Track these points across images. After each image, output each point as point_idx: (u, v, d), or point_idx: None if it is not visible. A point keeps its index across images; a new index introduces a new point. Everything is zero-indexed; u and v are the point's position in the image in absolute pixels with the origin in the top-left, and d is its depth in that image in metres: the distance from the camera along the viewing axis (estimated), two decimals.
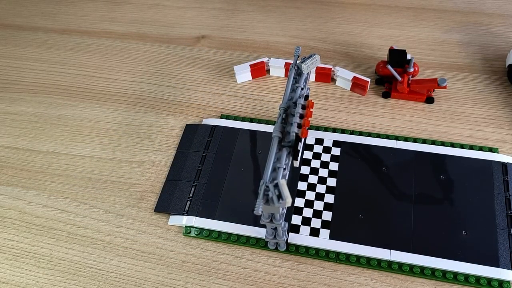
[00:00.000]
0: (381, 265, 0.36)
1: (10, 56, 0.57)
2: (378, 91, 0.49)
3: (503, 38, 0.54)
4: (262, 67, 0.51)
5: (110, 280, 0.37)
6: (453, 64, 0.52)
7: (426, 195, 0.40)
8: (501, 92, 0.48)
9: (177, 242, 0.39)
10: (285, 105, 0.34)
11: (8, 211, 0.42)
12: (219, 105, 0.49)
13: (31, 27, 0.61)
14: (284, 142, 0.33)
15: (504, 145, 0.44)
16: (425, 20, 0.57)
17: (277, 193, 0.29)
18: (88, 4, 0.64)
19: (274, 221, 0.34)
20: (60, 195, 0.43)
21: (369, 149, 0.43)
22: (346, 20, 0.58)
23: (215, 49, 0.56)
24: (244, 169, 0.43)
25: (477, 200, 0.39)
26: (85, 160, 0.45)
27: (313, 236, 0.38)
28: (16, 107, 0.51)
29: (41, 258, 0.39)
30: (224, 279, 0.37)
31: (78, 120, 0.49)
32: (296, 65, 0.37)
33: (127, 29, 0.59)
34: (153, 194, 0.42)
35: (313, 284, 0.36)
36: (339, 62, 0.53)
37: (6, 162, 0.46)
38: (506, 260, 0.36)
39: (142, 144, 0.46)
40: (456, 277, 0.36)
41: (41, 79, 0.54)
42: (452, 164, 0.42)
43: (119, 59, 0.56)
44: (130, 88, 0.52)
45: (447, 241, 0.37)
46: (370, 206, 0.39)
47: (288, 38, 0.56)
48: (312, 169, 0.42)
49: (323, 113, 0.47)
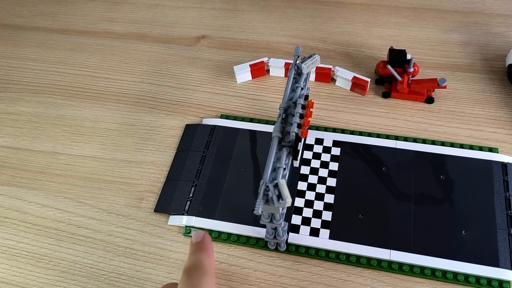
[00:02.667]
0: (381, 265, 0.36)
1: (10, 56, 0.57)
2: (378, 91, 0.49)
3: (503, 38, 0.54)
4: (262, 67, 0.51)
5: (110, 280, 0.37)
6: (453, 64, 0.52)
7: (426, 195, 0.40)
8: (501, 92, 0.48)
9: (177, 242, 0.39)
10: (285, 105, 0.34)
11: (8, 211, 0.42)
12: (219, 105, 0.49)
13: (31, 27, 0.61)
14: (284, 142, 0.33)
15: (504, 145, 0.44)
16: (425, 20, 0.57)
17: (277, 193, 0.29)
18: (88, 4, 0.64)
19: (274, 221, 0.34)
20: (60, 195, 0.43)
21: (369, 149, 0.43)
22: (346, 20, 0.58)
23: (215, 49, 0.56)
24: (244, 169, 0.43)
25: (477, 200, 0.39)
26: (85, 160, 0.45)
27: (313, 236, 0.38)
28: (16, 107, 0.51)
29: (41, 258, 0.39)
30: (224, 279, 0.37)
31: (78, 120, 0.49)
32: (296, 65, 0.37)
33: (127, 29, 0.59)
34: (153, 194, 0.42)
35: (313, 284, 0.36)
36: (339, 62, 0.53)
37: (6, 162, 0.46)
38: (506, 260, 0.36)
39: (142, 144, 0.46)
40: (456, 277, 0.36)
41: (41, 79, 0.54)
42: (452, 164, 0.42)
43: (119, 59, 0.56)
44: (130, 88, 0.52)
45: (447, 241, 0.37)
46: (370, 206, 0.39)
47: (288, 38, 0.56)
48: (312, 169, 0.42)
49: (323, 113, 0.47)
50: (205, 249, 0.33)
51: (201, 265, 0.31)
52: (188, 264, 0.32)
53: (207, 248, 0.33)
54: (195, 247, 0.34)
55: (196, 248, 0.33)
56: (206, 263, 0.32)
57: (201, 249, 0.33)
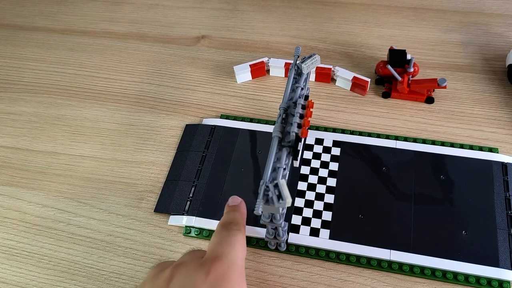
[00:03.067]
0: (381, 265, 0.36)
1: (10, 56, 0.57)
2: (378, 91, 0.49)
3: (503, 38, 0.54)
4: (262, 67, 0.51)
5: (110, 280, 0.37)
6: (453, 64, 0.52)
7: (426, 195, 0.40)
8: (501, 92, 0.48)
9: (177, 242, 0.39)
10: (285, 105, 0.34)
11: (8, 211, 0.42)
12: (219, 105, 0.49)
13: (31, 27, 0.61)
14: (284, 142, 0.33)
15: (504, 145, 0.44)
16: (425, 20, 0.57)
17: (277, 193, 0.29)
18: (88, 4, 0.64)
19: (274, 221, 0.34)
20: (60, 195, 0.43)
21: (369, 149, 0.43)
22: (346, 20, 0.58)
23: (215, 49, 0.56)
24: (244, 169, 0.43)
25: (477, 200, 0.39)
26: (85, 160, 0.45)
27: (313, 236, 0.38)
28: (16, 107, 0.51)
29: (41, 258, 0.39)
30: None
31: (78, 120, 0.49)
32: (296, 65, 0.37)
33: (127, 29, 0.59)
34: (153, 194, 0.42)
35: (313, 284, 0.36)
36: (339, 62, 0.53)
37: (6, 162, 0.46)
38: (506, 260, 0.36)
39: (142, 144, 0.46)
40: (456, 277, 0.36)
41: (41, 79, 0.54)
42: (452, 164, 0.42)
43: (119, 59, 0.56)
44: (130, 88, 0.52)
45: (447, 241, 0.37)
46: (370, 206, 0.39)
47: (288, 38, 0.56)
48: (312, 169, 0.42)
49: (323, 113, 0.47)
50: (240, 211, 0.35)
51: (238, 222, 0.34)
52: (225, 219, 0.34)
53: (242, 211, 0.36)
54: (231, 208, 0.36)
55: (232, 209, 0.36)
56: (241, 222, 0.34)
57: (236, 210, 0.35)
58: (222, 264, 0.29)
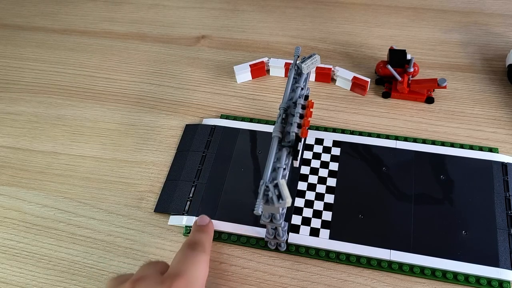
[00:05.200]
0: (381, 265, 0.36)
1: (10, 56, 0.57)
2: (378, 91, 0.49)
3: (503, 38, 0.54)
4: (262, 67, 0.51)
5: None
6: (453, 64, 0.52)
7: (426, 195, 0.40)
8: (501, 92, 0.48)
9: (177, 242, 0.39)
10: (285, 105, 0.34)
11: (8, 211, 0.42)
12: (219, 105, 0.49)
13: (31, 27, 0.61)
14: (284, 142, 0.33)
15: (504, 145, 0.44)
16: (425, 20, 0.57)
17: (277, 193, 0.29)
18: (88, 4, 0.64)
19: (274, 221, 0.34)
20: (60, 195, 0.43)
21: (369, 149, 0.43)
22: (346, 20, 0.58)
23: (215, 49, 0.56)
24: (244, 169, 0.43)
25: (477, 200, 0.39)
26: (85, 160, 0.45)
27: (313, 236, 0.38)
28: (16, 107, 0.51)
29: (41, 258, 0.39)
30: (224, 279, 0.37)
31: (78, 120, 0.49)
32: (296, 65, 0.37)
33: (127, 29, 0.59)
34: (153, 194, 0.42)
35: (313, 284, 0.36)
36: (339, 62, 0.53)
37: (6, 162, 0.46)
38: (506, 260, 0.36)
39: (142, 144, 0.46)
40: (456, 277, 0.36)
41: (41, 79, 0.54)
42: (452, 164, 0.42)
43: (119, 59, 0.56)
44: (130, 88, 0.52)
45: (447, 241, 0.37)
46: (370, 206, 0.39)
47: (288, 38, 0.56)
48: (312, 169, 0.42)
49: (323, 113, 0.47)
50: (207, 232, 0.36)
51: (203, 243, 0.34)
52: (191, 238, 0.35)
53: (209, 233, 0.36)
54: (199, 227, 0.36)
55: (200, 228, 0.36)
56: (207, 244, 0.34)
57: (204, 231, 0.36)
58: (182, 282, 0.30)
